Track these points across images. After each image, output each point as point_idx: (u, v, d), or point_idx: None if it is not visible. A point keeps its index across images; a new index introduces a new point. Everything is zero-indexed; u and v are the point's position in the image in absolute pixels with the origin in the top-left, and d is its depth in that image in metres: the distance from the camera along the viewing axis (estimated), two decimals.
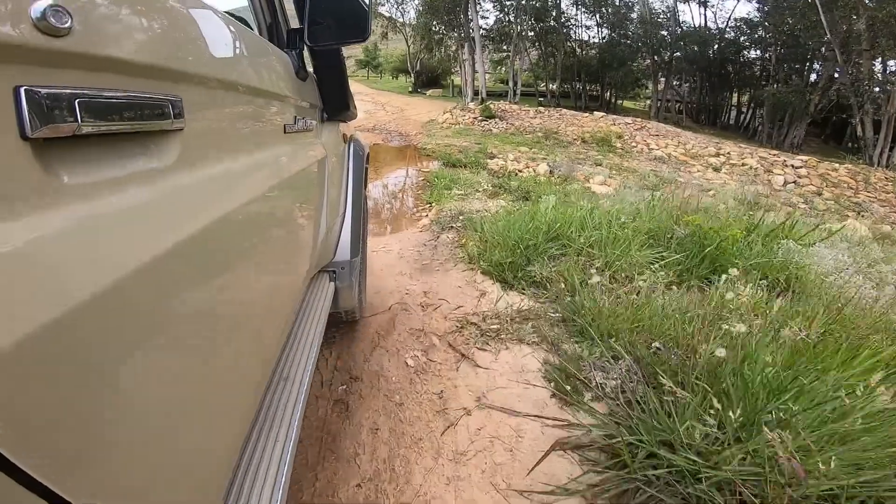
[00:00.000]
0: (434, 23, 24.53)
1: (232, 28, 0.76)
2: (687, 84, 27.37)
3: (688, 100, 27.65)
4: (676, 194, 4.41)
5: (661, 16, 24.60)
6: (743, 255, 3.02)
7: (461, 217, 4.12)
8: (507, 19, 23.64)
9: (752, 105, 25.87)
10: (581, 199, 4.34)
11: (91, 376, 0.35)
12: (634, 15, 24.42)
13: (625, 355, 1.95)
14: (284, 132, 1.01)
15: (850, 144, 23.23)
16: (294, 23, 1.25)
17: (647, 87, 32.86)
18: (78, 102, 0.36)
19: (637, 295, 2.52)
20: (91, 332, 0.35)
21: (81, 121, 0.36)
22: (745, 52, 24.17)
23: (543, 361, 2.01)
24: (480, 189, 5.47)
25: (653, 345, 2.00)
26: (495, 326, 2.23)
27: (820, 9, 14.50)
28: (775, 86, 21.10)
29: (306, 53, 1.29)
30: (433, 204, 4.90)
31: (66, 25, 0.35)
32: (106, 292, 0.36)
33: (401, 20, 30.85)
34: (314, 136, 1.35)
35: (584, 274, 2.68)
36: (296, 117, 1.11)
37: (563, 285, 2.63)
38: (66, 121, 0.35)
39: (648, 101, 34.03)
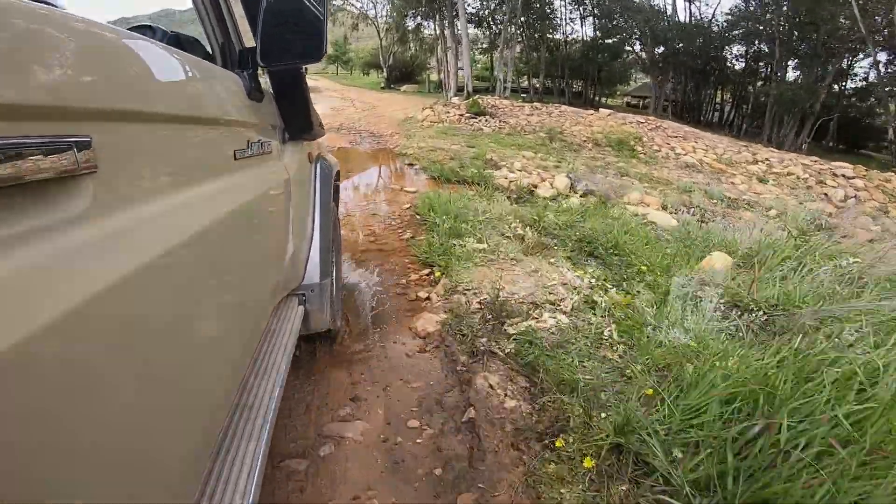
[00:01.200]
0: (410, 11, 22.13)
1: (160, 55, 0.69)
2: (672, 80, 26.09)
3: (672, 97, 26.36)
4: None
5: (660, 6, 23.00)
6: None
7: (508, 324, 1.88)
8: (491, 6, 21.47)
9: (735, 102, 24.95)
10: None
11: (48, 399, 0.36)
12: (626, 4, 22.64)
13: None
14: (235, 158, 0.93)
15: (831, 144, 22.51)
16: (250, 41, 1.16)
17: (628, 84, 31.51)
18: None
19: None
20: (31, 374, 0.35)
21: None
22: (744, 48, 22.88)
23: None
24: (510, 233, 3.23)
25: None
26: None
27: (855, 5, 13.06)
28: (775, 83, 19.83)
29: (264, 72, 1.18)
30: (434, 271, 2.64)
31: None
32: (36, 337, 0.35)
33: (372, 12, 28.38)
34: (275, 157, 1.25)
35: None
36: (249, 141, 1.02)
37: None
38: None
39: (625, 98, 32.76)
